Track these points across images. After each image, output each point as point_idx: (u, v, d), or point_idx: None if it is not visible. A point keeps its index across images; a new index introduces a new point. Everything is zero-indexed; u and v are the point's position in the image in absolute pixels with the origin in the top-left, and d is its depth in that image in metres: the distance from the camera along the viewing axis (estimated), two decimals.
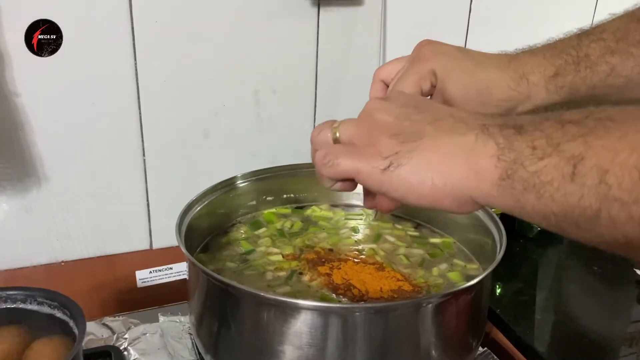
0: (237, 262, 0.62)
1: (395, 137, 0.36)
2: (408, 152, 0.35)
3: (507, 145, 0.32)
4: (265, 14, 0.73)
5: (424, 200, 0.35)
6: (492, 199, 0.33)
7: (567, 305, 0.74)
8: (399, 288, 0.58)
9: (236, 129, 0.77)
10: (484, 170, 0.33)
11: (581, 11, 0.89)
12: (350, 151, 0.38)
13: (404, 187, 0.35)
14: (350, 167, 0.38)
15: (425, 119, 0.36)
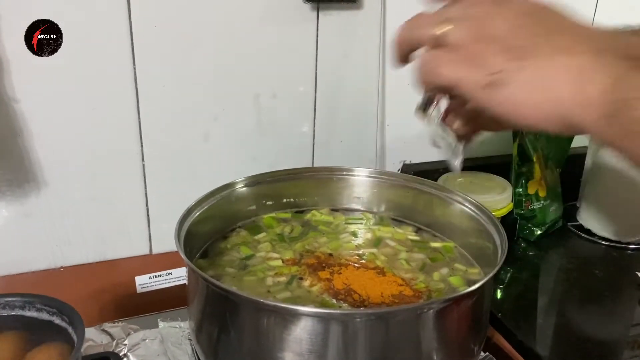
0: (237, 268, 0.62)
1: (507, 51, 0.34)
2: (517, 70, 0.33)
3: (623, 80, 0.30)
4: (265, 18, 0.72)
5: (525, 121, 0.34)
6: (597, 130, 0.32)
7: (569, 309, 0.73)
8: (400, 293, 0.58)
9: (236, 133, 0.77)
10: (593, 101, 0.31)
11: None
12: (454, 59, 0.36)
13: (506, 106, 0.34)
14: (452, 77, 0.36)
15: (542, 32, 0.34)
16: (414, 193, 0.70)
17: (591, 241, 0.86)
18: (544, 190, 0.84)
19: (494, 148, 0.91)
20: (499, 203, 0.80)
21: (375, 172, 0.72)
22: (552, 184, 0.87)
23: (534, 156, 0.81)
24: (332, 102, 0.80)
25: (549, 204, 0.85)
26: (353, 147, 0.83)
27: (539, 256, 0.83)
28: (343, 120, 0.82)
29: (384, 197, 0.73)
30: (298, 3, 0.73)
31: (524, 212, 0.83)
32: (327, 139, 0.82)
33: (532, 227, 0.84)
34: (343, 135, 0.82)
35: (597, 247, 0.85)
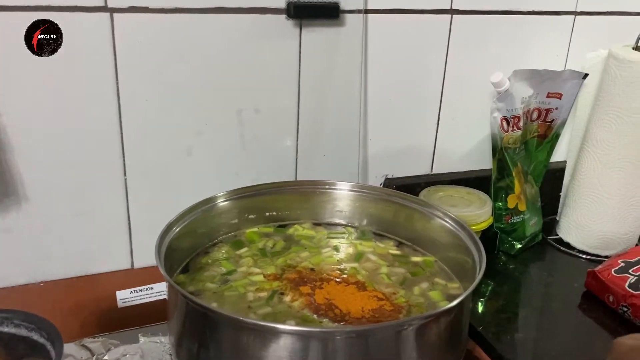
0: (218, 283, 0.62)
1: None
2: None
3: None
4: (248, 34, 0.73)
5: None
6: None
7: (548, 322, 0.74)
8: (380, 307, 0.58)
9: (219, 148, 0.77)
10: None
11: (559, 33, 0.91)
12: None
13: None
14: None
15: None
16: (396, 207, 0.71)
17: (570, 254, 0.88)
18: (523, 205, 0.85)
19: (475, 163, 0.92)
20: (479, 217, 0.81)
21: (357, 186, 0.73)
22: (532, 198, 0.88)
23: (513, 171, 0.82)
24: (315, 116, 0.81)
25: (529, 217, 0.86)
26: (336, 162, 0.84)
27: (519, 270, 0.84)
28: (326, 135, 0.82)
29: (366, 211, 0.73)
30: (281, 19, 0.74)
31: (504, 226, 0.85)
32: (310, 154, 0.82)
33: (512, 241, 0.85)
34: (326, 149, 0.83)
35: (576, 261, 0.86)
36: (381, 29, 0.79)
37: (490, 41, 0.87)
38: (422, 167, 0.91)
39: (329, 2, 0.75)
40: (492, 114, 0.79)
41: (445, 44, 0.84)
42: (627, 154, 0.80)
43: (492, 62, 0.86)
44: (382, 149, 0.87)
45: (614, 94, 0.80)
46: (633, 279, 0.73)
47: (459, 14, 0.83)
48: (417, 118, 0.88)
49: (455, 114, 0.89)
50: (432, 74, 0.86)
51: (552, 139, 0.88)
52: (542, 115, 0.85)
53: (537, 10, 0.87)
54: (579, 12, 0.90)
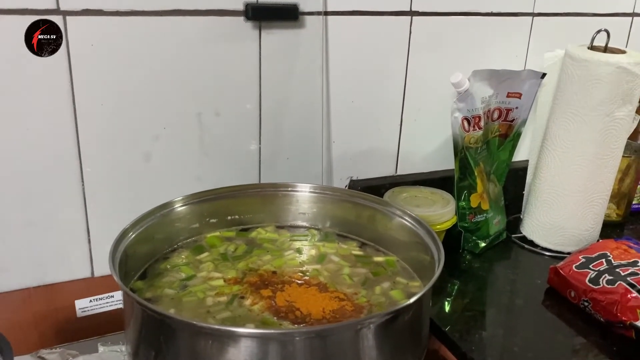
0: (177, 289, 0.60)
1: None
2: None
3: None
4: (206, 37, 0.72)
5: None
6: None
7: (512, 319, 0.75)
8: (341, 308, 0.58)
9: (179, 153, 0.76)
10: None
11: (518, 34, 0.92)
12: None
13: None
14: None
15: None
16: (358, 208, 0.71)
17: (534, 252, 0.89)
18: (486, 203, 0.86)
19: (439, 163, 0.93)
20: (443, 216, 0.81)
21: (319, 187, 0.73)
22: (495, 197, 0.89)
23: (475, 170, 0.83)
24: (277, 119, 0.80)
25: (492, 216, 0.87)
26: (300, 164, 0.84)
27: (484, 268, 0.84)
28: (289, 137, 0.82)
29: (329, 213, 0.73)
30: (239, 21, 0.73)
31: (468, 225, 0.85)
32: (274, 156, 0.82)
33: (477, 240, 0.86)
34: (289, 152, 0.83)
35: (540, 258, 0.87)
36: (342, 30, 0.79)
37: (451, 42, 0.87)
38: (386, 168, 0.92)
39: (288, 4, 0.74)
40: (453, 114, 0.80)
41: (406, 45, 0.85)
42: (585, 152, 0.82)
43: (453, 63, 0.87)
44: (347, 151, 0.87)
45: (571, 92, 0.81)
46: (593, 274, 0.74)
47: (418, 15, 0.83)
48: (380, 120, 0.88)
49: (417, 115, 0.89)
50: (394, 75, 0.86)
51: (514, 138, 0.89)
52: (502, 115, 0.86)
53: (495, 12, 0.89)
54: (537, 14, 0.92)
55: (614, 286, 0.71)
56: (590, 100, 0.79)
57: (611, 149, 0.82)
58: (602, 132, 0.80)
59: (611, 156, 0.83)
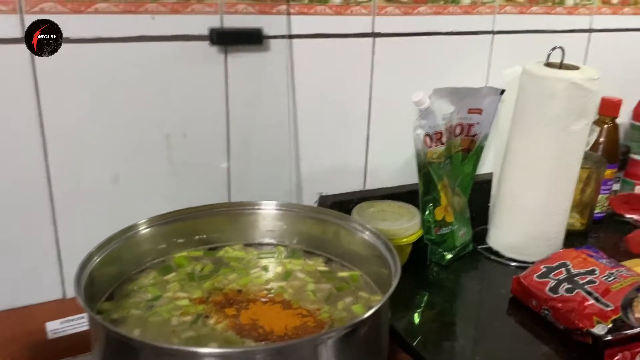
0: (143, 309, 0.62)
1: None
2: None
3: None
4: (173, 61, 0.74)
5: None
6: None
7: (478, 329, 0.77)
8: (304, 324, 0.60)
9: (148, 174, 0.77)
10: None
11: (479, 52, 0.96)
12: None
13: None
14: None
15: None
16: (323, 224, 0.73)
17: (499, 263, 0.91)
18: (451, 216, 0.88)
19: (406, 177, 0.95)
20: (408, 230, 0.84)
21: (285, 205, 0.74)
22: (460, 209, 0.91)
23: (439, 184, 0.85)
24: (245, 139, 0.82)
25: (458, 228, 0.89)
26: (269, 182, 0.86)
27: (451, 279, 0.87)
28: (258, 156, 0.84)
29: (296, 230, 0.75)
30: (204, 46, 0.75)
31: (434, 237, 0.87)
32: (243, 176, 0.84)
33: (443, 252, 0.88)
34: (259, 170, 0.85)
35: (505, 268, 0.90)
36: (306, 52, 0.82)
37: (413, 61, 0.90)
38: (355, 183, 0.94)
39: (252, 29, 0.77)
40: (415, 131, 0.82)
41: (369, 65, 0.87)
42: (544, 165, 0.85)
43: (416, 81, 0.90)
44: (315, 168, 0.89)
45: (529, 108, 0.84)
46: (553, 282, 0.77)
47: (380, 37, 0.86)
48: (347, 137, 0.90)
49: (383, 131, 0.92)
50: (359, 94, 0.89)
51: (477, 152, 0.92)
52: (464, 130, 0.89)
53: (456, 31, 0.92)
54: (497, 32, 0.95)
55: (572, 294, 0.74)
56: (546, 115, 0.82)
57: (569, 161, 0.85)
58: (560, 145, 0.83)
59: (570, 168, 0.86)
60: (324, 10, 0.81)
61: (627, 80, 1.11)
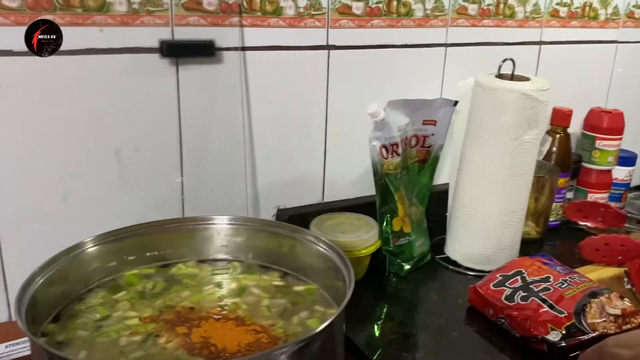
0: (90, 330, 0.59)
1: None
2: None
3: None
4: (122, 74, 0.73)
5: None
6: None
7: (435, 339, 0.77)
8: (257, 341, 0.58)
9: (98, 190, 0.75)
10: None
11: (433, 64, 0.97)
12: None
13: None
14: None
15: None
16: (278, 238, 0.72)
17: (457, 272, 0.92)
18: (408, 227, 0.88)
19: (364, 189, 0.95)
20: (367, 241, 0.83)
21: (239, 219, 0.73)
22: (418, 220, 0.92)
23: (396, 195, 0.85)
24: (199, 152, 0.81)
25: (415, 239, 0.90)
26: (225, 196, 0.84)
27: (410, 290, 0.87)
28: (212, 170, 0.83)
29: (251, 244, 0.74)
30: (155, 58, 0.74)
31: (392, 248, 0.87)
32: (197, 189, 0.82)
33: (401, 263, 0.88)
34: (214, 184, 0.83)
35: (463, 278, 0.90)
36: (260, 64, 0.81)
37: (369, 73, 0.91)
38: (313, 196, 0.93)
39: (204, 41, 0.76)
40: (371, 143, 0.82)
41: (325, 77, 0.87)
42: (497, 174, 0.86)
43: (372, 93, 0.90)
44: (273, 181, 0.88)
45: (482, 118, 0.86)
46: (509, 291, 0.78)
47: (335, 49, 0.86)
48: (304, 149, 0.90)
49: (340, 143, 0.92)
50: (316, 106, 0.89)
51: (432, 162, 0.93)
52: (420, 142, 0.90)
53: (410, 44, 0.93)
54: (450, 44, 0.97)
55: (527, 302, 0.75)
56: (498, 125, 0.84)
57: (522, 170, 0.86)
58: (512, 155, 0.85)
59: (522, 177, 0.87)
60: (278, 23, 0.81)
61: (577, 91, 1.14)
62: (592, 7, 1.12)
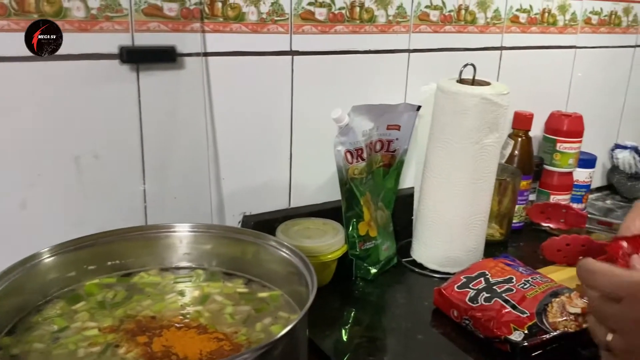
0: (48, 342, 0.58)
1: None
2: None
3: None
4: (81, 81, 0.72)
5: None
6: None
7: (401, 342, 0.77)
8: (219, 348, 0.58)
9: (57, 198, 0.74)
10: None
11: (396, 69, 0.98)
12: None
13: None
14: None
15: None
16: (242, 244, 0.71)
17: (423, 275, 0.93)
18: (374, 231, 0.89)
19: (331, 194, 0.95)
20: (333, 246, 0.84)
21: (201, 226, 0.72)
22: (384, 224, 0.92)
23: (361, 200, 0.86)
24: (162, 159, 0.80)
25: (381, 242, 0.90)
26: (188, 203, 0.84)
27: (376, 294, 0.87)
28: (175, 177, 0.82)
29: (215, 252, 0.73)
30: (115, 65, 0.73)
31: (359, 252, 0.88)
32: (160, 197, 0.81)
33: (368, 267, 0.89)
34: (177, 191, 0.82)
35: (429, 280, 0.91)
36: (224, 70, 0.81)
37: (333, 79, 0.91)
38: (280, 202, 0.93)
39: (165, 46, 0.75)
40: (336, 148, 0.83)
41: (289, 83, 0.88)
42: (459, 178, 0.87)
43: (336, 99, 0.91)
44: (238, 187, 0.88)
45: (444, 123, 0.87)
46: (473, 292, 0.79)
47: (299, 55, 0.87)
48: (270, 155, 0.90)
49: (306, 149, 0.92)
50: (281, 112, 0.89)
51: (397, 167, 0.94)
52: (384, 146, 0.90)
53: (373, 50, 0.94)
54: (413, 50, 0.98)
55: (490, 303, 0.76)
56: (460, 129, 0.85)
57: (484, 173, 0.88)
58: (473, 158, 0.86)
59: (484, 180, 0.89)
60: (240, 28, 0.81)
61: (538, 95, 1.17)
62: (551, 14, 1.15)
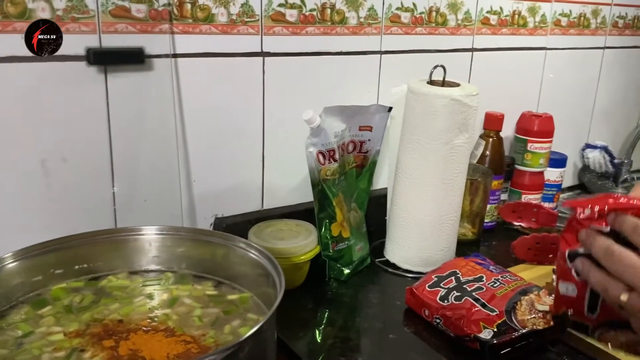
0: (11, 348, 0.57)
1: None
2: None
3: None
4: (47, 82, 0.71)
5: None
6: None
7: (374, 342, 0.78)
8: (187, 351, 0.58)
9: (24, 202, 0.73)
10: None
11: (368, 71, 0.99)
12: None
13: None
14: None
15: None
16: (211, 247, 0.71)
17: (396, 275, 0.93)
18: (347, 231, 0.89)
19: (303, 195, 0.95)
20: (305, 247, 0.84)
21: (169, 228, 0.72)
22: (357, 224, 0.93)
23: (334, 201, 0.86)
24: (131, 161, 0.79)
25: (354, 243, 0.91)
26: (159, 206, 0.83)
27: (349, 294, 0.87)
28: (145, 179, 0.81)
29: (184, 254, 0.72)
30: (82, 66, 0.72)
31: (332, 253, 0.88)
32: (130, 200, 0.81)
33: (341, 267, 0.89)
34: (146, 194, 0.82)
35: (402, 280, 0.92)
36: (193, 71, 0.81)
37: (305, 80, 0.91)
38: (252, 204, 0.93)
39: (132, 48, 0.75)
40: (308, 149, 0.83)
41: (260, 84, 0.87)
42: (430, 178, 0.88)
43: (308, 100, 0.91)
44: (209, 189, 0.87)
45: (414, 124, 0.87)
46: (443, 291, 0.79)
47: (270, 56, 0.87)
48: (242, 156, 0.90)
49: (278, 150, 0.92)
50: (252, 113, 0.88)
51: (370, 167, 0.94)
52: (357, 147, 0.91)
53: (345, 51, 0.94)
54: (384, 51, 0.99)
55: (461, 302, 0.77)
56: (430, 130, 0.86)
57: (454, 173, 0.89)
58: (444, 159, 0.87)
59: (455, 180, 0.89)
60: (210, 30, 0.80)
61: (509, 96, 1.18)
62: (521, 15, 1.16)
